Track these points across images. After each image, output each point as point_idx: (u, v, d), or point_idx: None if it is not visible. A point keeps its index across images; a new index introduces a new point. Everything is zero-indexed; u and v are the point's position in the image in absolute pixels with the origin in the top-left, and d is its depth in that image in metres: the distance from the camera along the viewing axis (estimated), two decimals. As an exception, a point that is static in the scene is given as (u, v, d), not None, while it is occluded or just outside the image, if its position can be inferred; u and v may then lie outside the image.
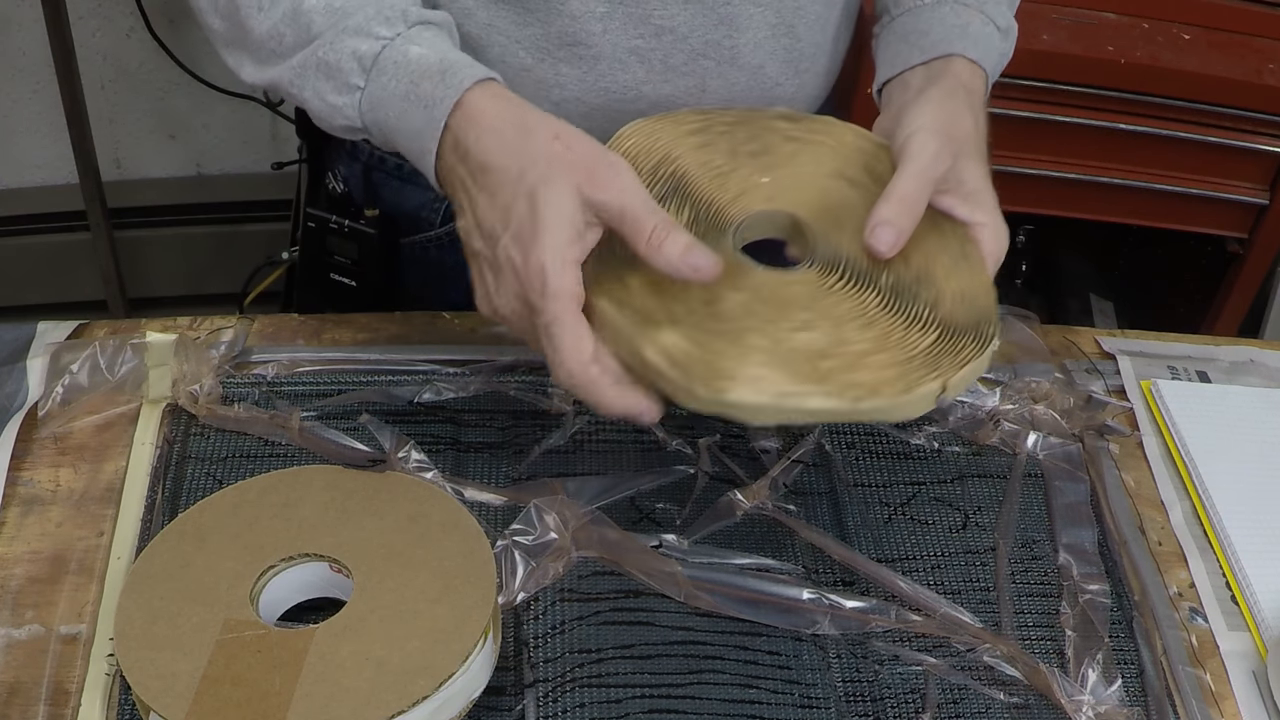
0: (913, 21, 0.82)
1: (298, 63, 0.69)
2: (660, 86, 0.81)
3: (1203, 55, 1.55)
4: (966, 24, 0.81)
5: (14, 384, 0.80)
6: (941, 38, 0.79)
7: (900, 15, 0.84)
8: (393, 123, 0.68)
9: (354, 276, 0.93)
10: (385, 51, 0.67)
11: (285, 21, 0.69)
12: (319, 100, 0.69)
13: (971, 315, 0.69)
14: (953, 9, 0.82)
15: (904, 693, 0.67)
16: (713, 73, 0.81)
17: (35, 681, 0.64)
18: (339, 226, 0.92)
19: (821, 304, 0.68)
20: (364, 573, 0.64)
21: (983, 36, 0.81)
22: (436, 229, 0.90)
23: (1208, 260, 1.72)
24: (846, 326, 0.67)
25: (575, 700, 0.64)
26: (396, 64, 0.67)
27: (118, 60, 1.96)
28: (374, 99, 0.68)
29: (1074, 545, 0.76)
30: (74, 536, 0.71)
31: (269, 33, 0.70)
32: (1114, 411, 0.86)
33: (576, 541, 0.71)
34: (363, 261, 0.92)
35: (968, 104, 0.76)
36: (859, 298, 0.69)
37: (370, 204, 0.91)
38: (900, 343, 0.67)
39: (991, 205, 0.74)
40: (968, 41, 0.79)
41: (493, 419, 0.80)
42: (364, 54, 0.67)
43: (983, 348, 0.67)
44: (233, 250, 2.02)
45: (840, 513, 0.77)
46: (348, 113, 0.69)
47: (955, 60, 0.78)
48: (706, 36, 0.79)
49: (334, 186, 0.92)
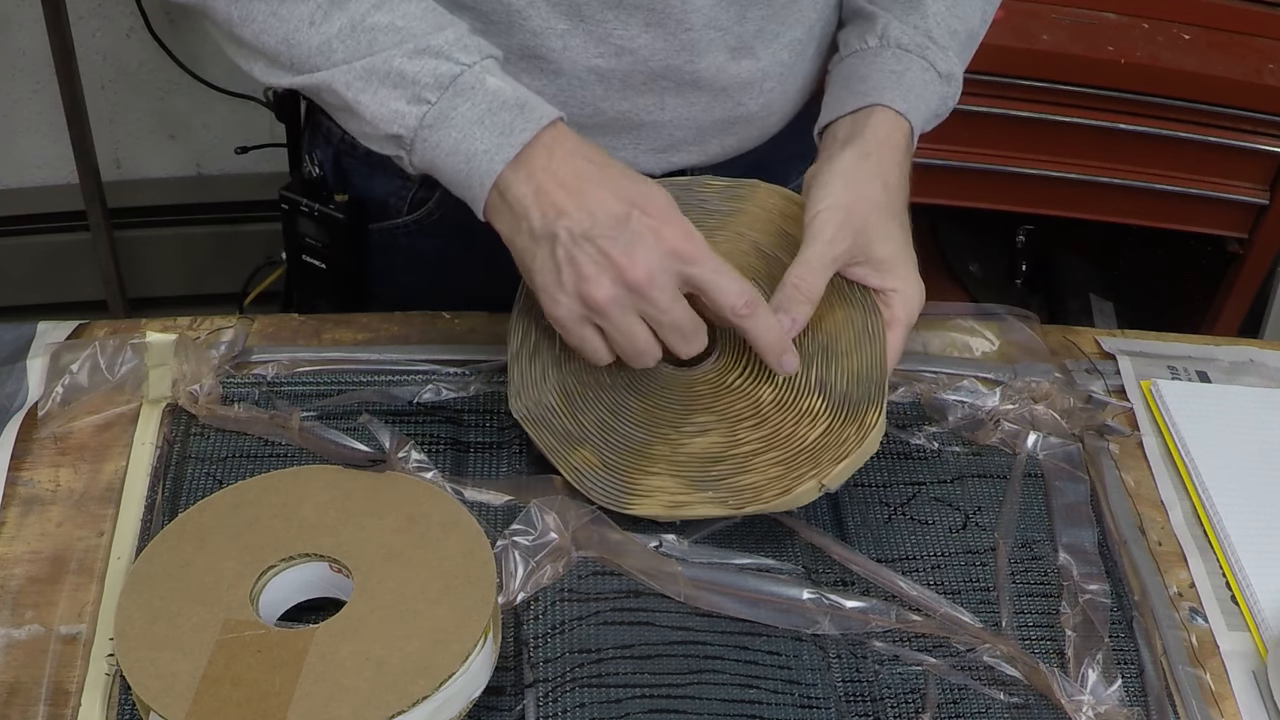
0: (855, 65, 0.84)
1: (362, 68, 0.71)
2: (619, 104, 0.82)
3: (1203, 55, 1.55)
4: (903, 71, 0.82)
5: (14, 384, 0.80)
6: (874, 86, 0.82)
7: (847, 57, 0.86)
8: (449, 142, 0.71)
9: (324, 259, 0.95)
10: (464, 75, 0.71)
11: (341, 36, 0.71)
12: (379, 105, 0.71)
13: (862, 396, 0.74)
14: (894, 54, 0.83)
15: (904, 693, 0.67)
16: (672, 92, 0.82)
17: (35, 681, 0.64)
18: (309, 210, 0.93)
19: (720, 404, 0.75)
20: (364, 573, 0.64)
21: (917, 84, 0.82)
22: (404, 216, 0.91)
23: (1208, 260, 1.72)
24: (740, 427, 0.74)
25: (575, 700, 0.64)
26: (473, 89, 0.71)
27: (118, 60, 1.96)
28: (441, 115, 0.71)
29: (1074, 545, 0.76)
30: (74, 536, 0.71)
31: (319, 46, 0.72)
32: (1114, 411, 0.86)
33: (576, 541, 0.71)
34: (332, 245, 0.94)
35: (878, 168, 0.78)
36: (754, 394, 0.75)
37: (340, 189, 0.92)
38: (788, 440, 0.73)
39: (904, 270, 0.77)
40: (899, 91, 0.81)
41: (493, 419, 0.80)
42: (443, 74, 0.71)
43: (863, 438, 0.73)
44: (233, 250, 2.02)
45: (840, 513, 0.77)
46: (408, 121, 0.71)
47: (878, 112, 0.80)
48: (667, 61, 0.80)
49: (310, 170, 0.93)
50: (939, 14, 0.85)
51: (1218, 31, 1.57)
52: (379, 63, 0.71)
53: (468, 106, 0.71)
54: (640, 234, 0.69)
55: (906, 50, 0.83)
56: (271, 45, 0.73)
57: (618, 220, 0.69)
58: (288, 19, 0.72)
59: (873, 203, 0.77)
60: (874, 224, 0.77)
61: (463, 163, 0.71)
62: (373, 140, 0.74)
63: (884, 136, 0.80)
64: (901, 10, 0.85)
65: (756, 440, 0.74)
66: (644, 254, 0.69)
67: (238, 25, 0.73)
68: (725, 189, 0.82)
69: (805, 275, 0.75)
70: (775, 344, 0.73)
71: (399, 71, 0.71)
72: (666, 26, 0.78)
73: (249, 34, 0.73)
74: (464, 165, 0.71)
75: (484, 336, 0.86)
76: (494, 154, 0.70)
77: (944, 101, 0.85)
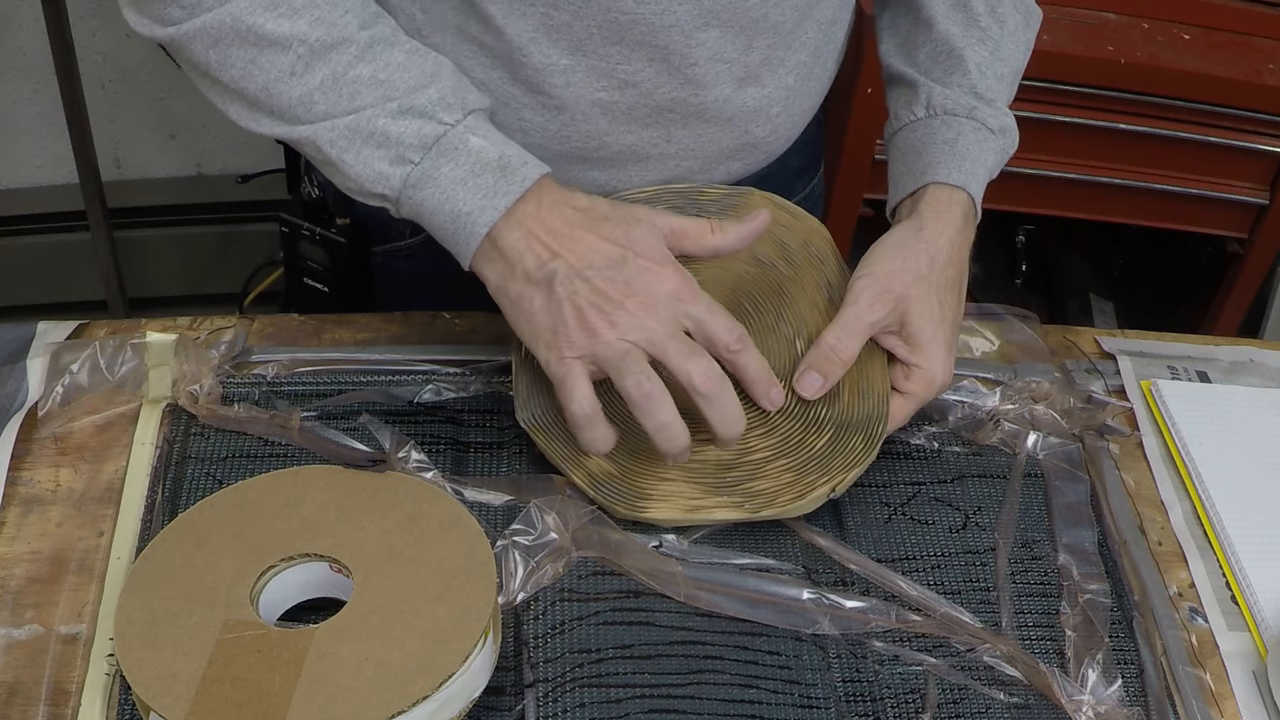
0: (908, 139, 0.85)
1: (345, 126, 0.71)
2: (624, 137, 0.81)
3: (1203, 55, 1.55)
4: (955, 138, 0.83)
5: (14, 384, 0.80)
6: (930, 162, 0.83)
7: (899, 130, 0.86)
8: (433, 202, 0.71)
9: (326, 282, 0.95)
10: (447, 136, 0.71)
11: (323, 89, 0.71)
12: (363, 165, 0.72)
13: (865, 410, 0.77)
14: (944, 122, 0.84)
15: (904, 693, 0.67)
16: (678, 124, 0.81)
17: (35, 681, 0.64)
18: (310, 233, 0.93)
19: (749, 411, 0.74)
20: (364, 573, 0.64)
21: (972, 149, 0.83)
22: (407, 238, 0.90)
23: (1208, 260, 1.72)
24: (750, 435, 0.74)
25: (575, 700, 0.64)
26: (456, 149, 0.71)
27: (118, 60, 1.96)
28: (424, 175, 0.71)
29: (1074, 545, 0.76)
30: (74, 536, 0.71)
31: (300, 98, 0.72)
32: (1114, 411, 0.86)
33: (576, 541, 0.71)
34: (334, 269, 0.93)
35: (927, 242, 0.79)
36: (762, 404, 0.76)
37: (342, 212, 0.92)
38: (797, 447, 0.75)
39: (933, 349, 0.78)
40: (953, 163, 0.82)
41: (493, 419, 0.80)
42: (426, 135, 0.71)
43: (871, 448, 0.75)
44: (233, 250, 2.03)
45: (840, 513, 0.77)
46: (392, 182, 0.72)
47: (930, 190, 0.81)
48: (671, 94, 0.79)
49: (309, 192, 0.93)
50: (982, 63, 0.85)
51: (1218, 31, 1.57)
52: (362, 121, 0.71)
53: (450, 167, 0.71)
54: (637, 274, 0.70)
55: (955, 115, 0.83)
56: (251, 92, 0.72)
57: (613, 262, 0.71)
58: (268, 68, 0.71)
59: (915, 274, 0.78)
60: (913, 296, 0.77)
61: (449, 221, 0.72)
62: (356, 194, 0.74)
63: (940, 211, 0.81)
64: (943, 72, 0.85)
65: (766, 448, 0.75)
66: (644, 288, 0.70)
67: (215, 69, 0.73)
68: (721, 197, 0.83)
69: (841, 337, 0.76)
70: (762, 378, 0.74)
71: (382, 131, 0.71)
72: (670, 61, 0.77)
73: (227, 78, 0.73)
74: (450, 224, 0.72)
75: (484, 336, 0.86)
76: (478, 216, 0.71)
77: (1001, 154, 0.86)
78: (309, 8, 0.71)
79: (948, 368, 0.79)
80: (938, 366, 0.78)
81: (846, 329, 0.76)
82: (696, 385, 0.70)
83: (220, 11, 0.71)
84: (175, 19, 0.72)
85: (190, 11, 0.71)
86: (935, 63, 0.86)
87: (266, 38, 0.71)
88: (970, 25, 0.86)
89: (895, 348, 0.79)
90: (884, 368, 0.79)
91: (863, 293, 0.77)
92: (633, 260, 0.71)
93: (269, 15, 0.70)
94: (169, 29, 0.72)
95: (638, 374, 0.69)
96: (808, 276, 0.82)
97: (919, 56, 0.87)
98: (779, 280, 0.82)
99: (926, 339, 0.78)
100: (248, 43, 0.71)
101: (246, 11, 0.70)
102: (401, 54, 0.72)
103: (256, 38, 0.71)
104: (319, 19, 0.71)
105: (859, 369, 0.78)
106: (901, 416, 0.78)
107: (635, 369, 0.69)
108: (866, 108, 1.48)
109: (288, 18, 0.71)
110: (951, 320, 0.80)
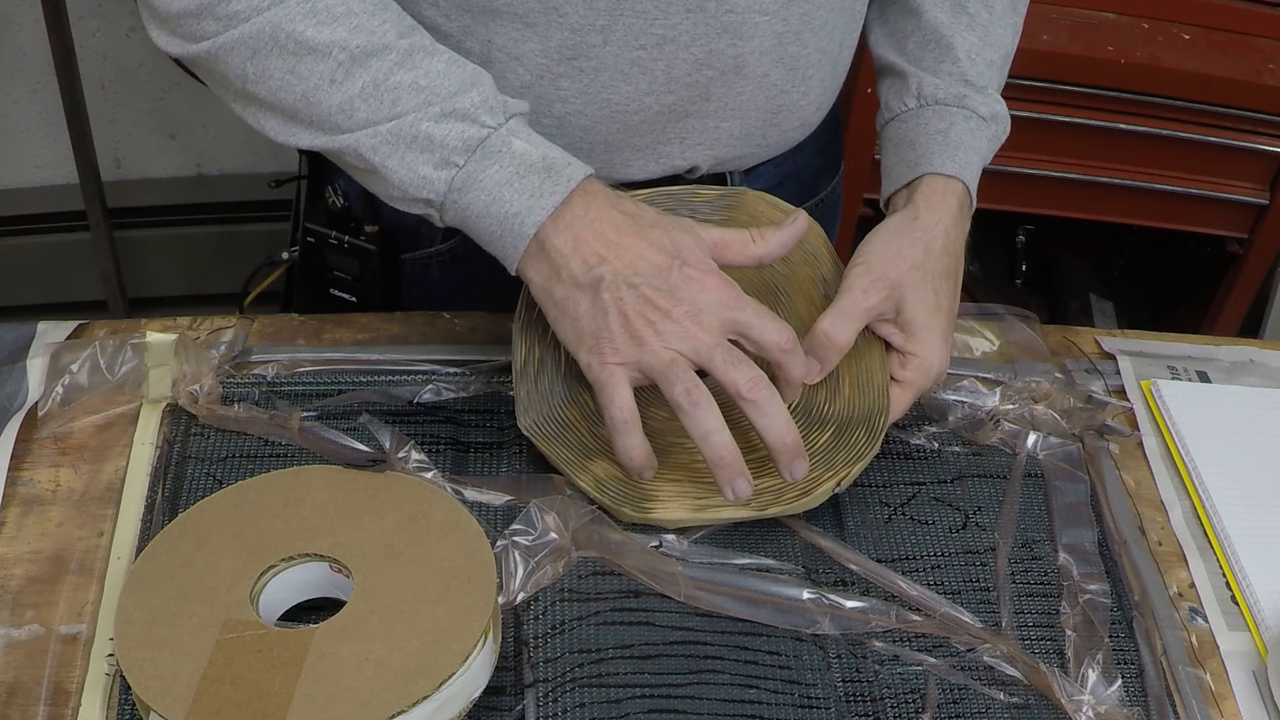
0: (901, 130, 0.85)
1: (388, 132, 0.71)
2: (663, 97, 0.80)
3: (1203, 55, 1.55)
4: (947, 128, 0.83)
5: (14, 384, 0.80)
6: (923, 153, 0.83)
7: (891, 120, 0.86)
8: (480, 205, 0.71)
9: (354, 292, 0.94)
10: (491, 138, 0.71)
11: (363, 96, 0.71)
12: (407, 170, 0.71)
13: (866, 403, 0.77)
14: (935, 112, 0.84)
15: (904, 693, 0.67)
16: (717, 81, 0.81)
17: (35, 681, 0.64)
18: (339, 242, 0.92)
19: (731, 412, 0.73)
20: (364, 573, 0.64)
21: (965, 138, 0.83)
22: (437, 244, 0.90)
23: (1208, 260, 1.73)
24: (753, 432, 0.72)
25: (575, 700, 0.64)
26: (500, 152, 0.71)
27: (118, 60, 1.96)
28: (470, 178, 0.71)
29: (1074, 545, 0.76)
30: (74, 536, 0.71)
31: (340, 105, 0.71)
32: (1114, 411, 0.86)
33: (576, 541, 0.71)
34: (363, 278, 0.92)
35: (922, 230, 0.79)
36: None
37: (370, 219, 0.91)
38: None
39: (928, 337, 0.78)
40: (946, 153, 0.82)
41: (493, 419, 0.80)
42: (470, 138, 0.71)
43: (874, 441, 0.75)
44: (233, 250, 2.02)
45: (840, 513, 0.77)
46: (437, 186, 0.71)
47: (925, 181, 0.82)
48: (709, 45, 0.79)
49: (334, 201, 0.92)
50: (971, 50, 0.85)
51: (1218, 31, 1.57)
52: (405, 126, 0.71)
53: (496, 169, 0.71)
54: (684, 282, 0.71)
55: (946, 105, 0.84)
56: (289, 102, 0.72)
57: (660, 269, 0.71)
58: (306, 76, 0.71)
59: (911, 262, 0.78)
60: (909, 284, 0.77)
61: (495, 224, 0.71)
62: (399, 202, 0.73)
63: (936, 200, 0.81)
64: (933, 61, 0.85)
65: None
66: (691, 297, 0.70)
67: (252, 81, 0.72)
68: (716, 198, 0.83)
69: (836, 322, 0.76)
70: (801, 379, 0.75)
71: (426, 135, 0.70)
72: (707, 10, 0.77)
73: (264, 90, 0.72)
74: (496, 226, 0.71)
75: (484, 336, 0.86)
76: (525, 216, 0.71)
77: (994, 141, 0.86)
78: (348, 16, 0.71)
79: (944, 355, 0.79)
80: (934, 354, 0.78)
81: (841, 315, 0.76)
82: (744, 392, 0.70)
83: (259, 20, 0.70)
84: (210, 33, 0.71)
85: (226, 24, 0.71)
86: (924, 51, 0.86)
87: (306, 45, 0.70)
88: (958, 12, 0.86)
89: (891, 336, 0.79)
90: (883, 360, 0.79)
91: (858, 280, 0.77)
92: (680, 269, 0.71)
93: (309, 22, 0.70)
94: (203, 44, 0.72)
95: (686, 381, 0.69)
96: (803, 274, 0.82)
97: (908, 45, 0.87)
98: (775, 279, 0.82)
99: (922, 326, 0.78)
100: (287, 51, 0.71)
101: (286, 20, 0.70)
102: (440, 62, 0.72)
103: (296, 45, 0.70)
104: (358, 27, 0.71)
105: (858, 363, 0.78)
106: (901, 406, 0.78)
107: (683, 377, 0.69)
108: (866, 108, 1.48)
109: (327, 25, 0.70)
110: (947, 309, 0.80)
